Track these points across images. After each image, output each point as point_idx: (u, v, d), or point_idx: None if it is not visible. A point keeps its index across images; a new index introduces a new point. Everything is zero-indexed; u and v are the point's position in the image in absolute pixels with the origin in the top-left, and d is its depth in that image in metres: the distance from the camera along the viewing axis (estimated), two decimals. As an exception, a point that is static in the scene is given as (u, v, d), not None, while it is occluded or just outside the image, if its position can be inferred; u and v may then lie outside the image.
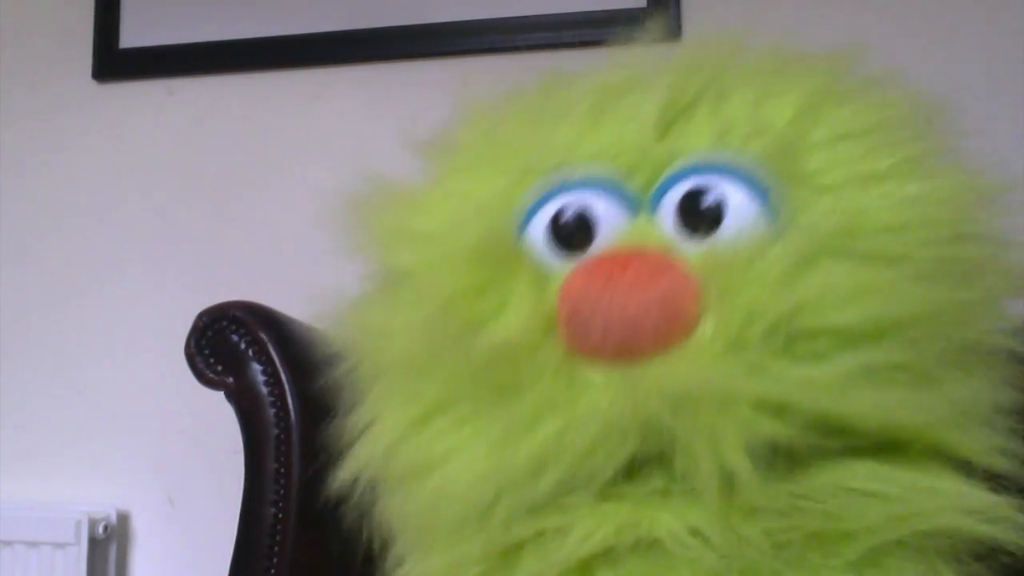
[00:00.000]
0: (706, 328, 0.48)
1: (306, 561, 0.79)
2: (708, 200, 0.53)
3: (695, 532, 0.47)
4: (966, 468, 0.50)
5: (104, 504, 1.27)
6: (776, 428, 0.46)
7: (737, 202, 0.53)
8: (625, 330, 0.49)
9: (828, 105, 0.57)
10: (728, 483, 0.47)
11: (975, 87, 1.11)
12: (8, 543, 1.22)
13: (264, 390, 0.80)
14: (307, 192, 1.27)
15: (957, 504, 0.48)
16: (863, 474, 0.48)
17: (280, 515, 0.78)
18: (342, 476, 0.60)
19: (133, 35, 1.35)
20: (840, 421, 0.47)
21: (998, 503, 0.48)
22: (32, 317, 1.35)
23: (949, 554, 0.49)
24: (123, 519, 1.28)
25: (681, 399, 0.46)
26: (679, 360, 0.48)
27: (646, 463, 0.50)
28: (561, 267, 0.54)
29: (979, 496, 0.49)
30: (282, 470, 0.79)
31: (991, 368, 0.53)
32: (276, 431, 0.79)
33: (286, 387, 0.80)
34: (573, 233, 0.55)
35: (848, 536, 0.47)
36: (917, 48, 1.14)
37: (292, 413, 0.79)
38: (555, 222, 0.56)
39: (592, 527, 0.49)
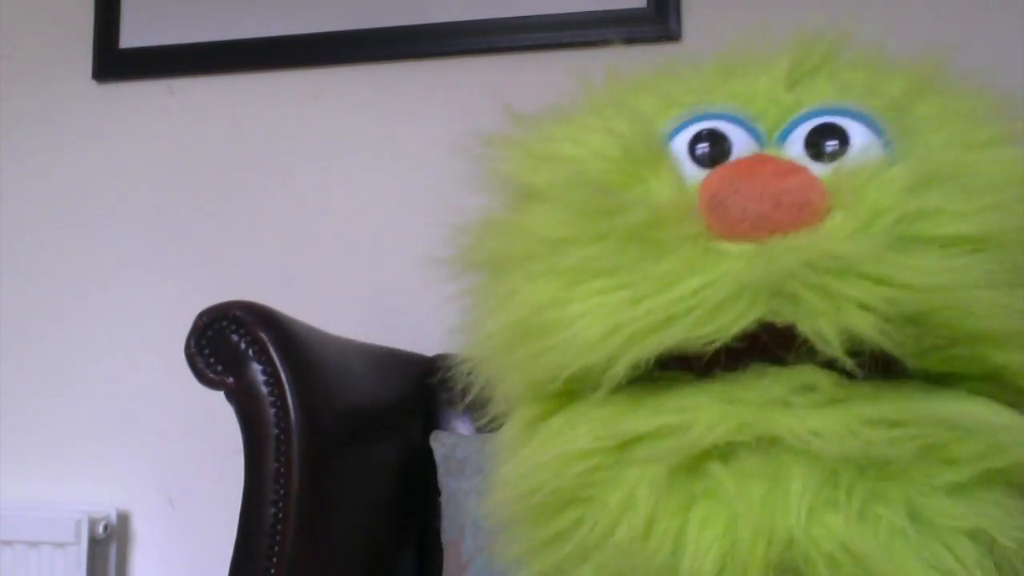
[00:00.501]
0: (836, 218, 0.53)
1: (306, 561, 0.79)
2: (833, 133, 0.59)
3: (816, 433, 0.50)
4: None
5: (104, 504, 1.27)
6: (895, 303, 0.50)
7: (858, 138, 0.59)
8: (763, 207, 0.53)
9: (931, 90, 0.64)
10: (840, 386, 0.51)
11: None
12: (8, 543, 1.22)
13: (264, 390, 0.80)
14: (307, 192, 1.27)
15: None
16: (965, 408, 0.52)
17: (280, 515, 0.78)
18: (471, 347, 0.63)
19: (133, 35, 1.35)
20: (951, 317, 0.51)
21: None
22: (32, 317, 1.35)
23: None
24: (123, 519, 1.28)
25: (811, 265, 0.50)
26: (811, 236, 0.52)
27: (766, 372, 0.53)
28: (699, 177, 0.59)
29: None
30: (282, 470, 0.79)
31: None
32: (276, 431, 0.79)
33: (286, 387, 0.80)
34: (711, 151, 0.61)
35: (953, 462, 0.50)
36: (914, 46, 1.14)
37: (292, 413, 0.79)
38: (694, 141, 0.61)
39: (714, 422, 0.51)
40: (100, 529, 1.23)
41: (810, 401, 0.52)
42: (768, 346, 0.53)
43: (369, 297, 1.22)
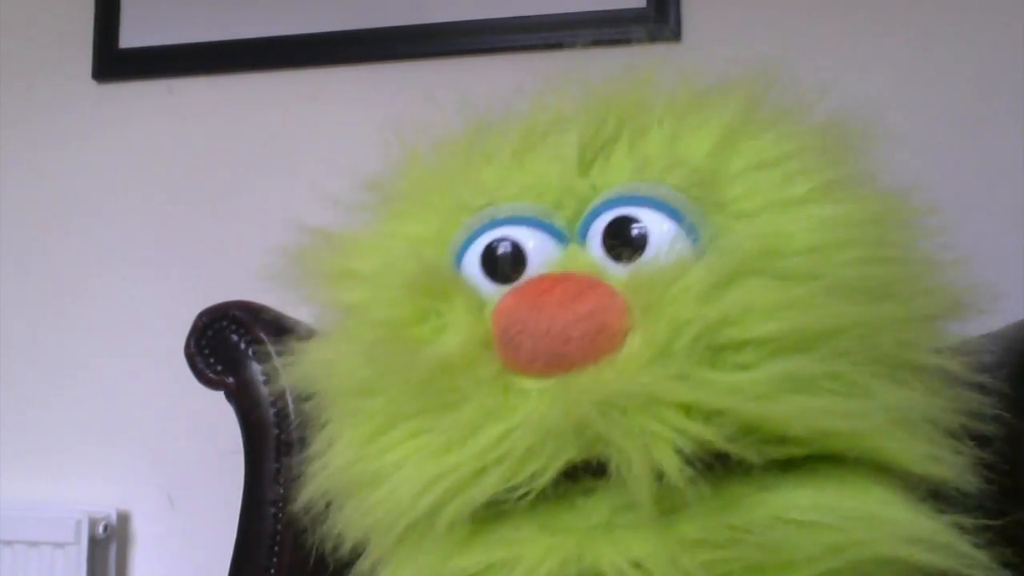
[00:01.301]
0: (634, 341, 0.50)
1: (306, 561, 0.79)
2: (631, 227, 0.56)
3: (637, 565, 0.48)
4: (908, 486, 0.51)
5: (104, 504, 1.27)
6: (704, 431, 0.47)
7: (659, 228, 0.55)
8: (554, 344, 0.50)
9: (745, 137, 0.59)
10: (666, 498, 0.48)
11: (976, 89, 1.12)
12: (8, 543, 1.22)
13: (264, 390, 0.80)
14: (307, 192, 1.27)
15: (897, 532, 0.49)
16: (802, 504, 0.49)
17: (280, 515, 0.78)
18: (303, 499, 0.62)
19: (133, 35, 1.35)
20: (768, 427, 0.48)
21: (938, 530, 0.49)
22: (32, 317, 1.35)
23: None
24: (123, 519, 1.28)
25: (611, 403, 0.48)
26: (608, 369, 0.50)
27: (592, 491, 0.51)
28: (495, 294, 0.57)
29: (920, 523, 0.50)
30: (282, 470, 0.79)
31: (925, 383, 0.54)
32: (276, 431, 0.79)
33: (286, 387, 0.80)
34: (506, 263, 0.58)
35: (788, 566, 0.48)
36: (914, 45, 1.14)
37: (292, 413, 0.79)
38: (487, 254, 0.59)
39: (538, 559, 0.50)
40: (100, 529, 1.23)
41: (633, 521, 0.50)
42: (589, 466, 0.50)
43: (369, 297, 1.22)
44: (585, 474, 0.51)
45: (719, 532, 0.48)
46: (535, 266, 0.58)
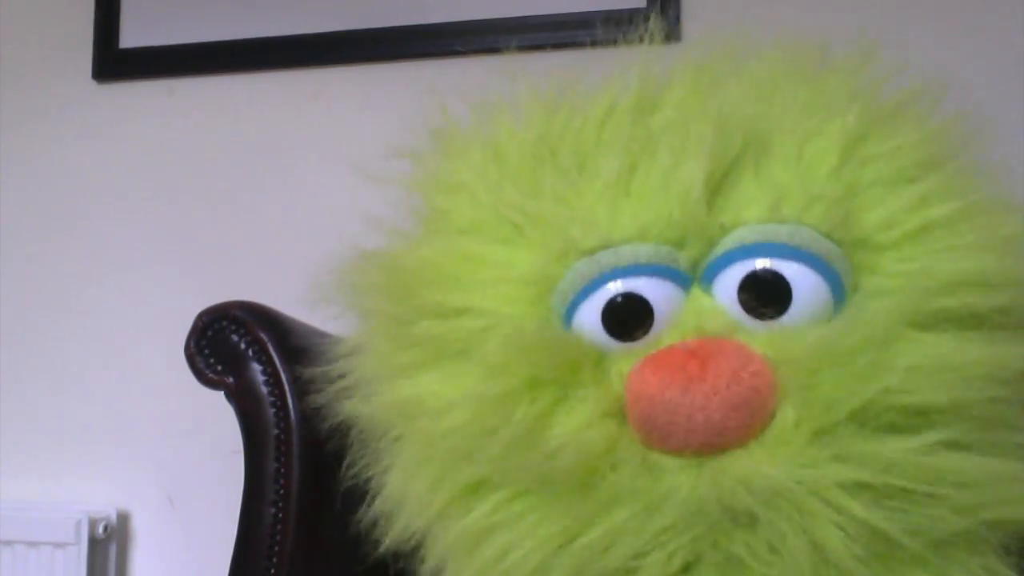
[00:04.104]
0: (787, 418, 0.48)
1: (306, 561, 0.79)
2: (772, 283, 0.52)
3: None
4: None
5: (104, 504, 1.27)
6: (863, 505, 0.46)
7: (802, 282, 0.52)
8: (709, 437, 0.48)
9: (871, 138, 0.56)
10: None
11: (979, 83, 1.11)
12: (8, 543, 1.22)
13: (264, 390, 0.80)
14: (307, 192, 1.27)
15: (1019, 496, 0.49)
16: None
17: (280, 515, 0.78)
18: (392, 538, 0.59)
19: (133, 35, 1.35)
20: (922, 488, 0.47)
21: None
22: (32, 317, 1.35)
23: (1000, 546, 0.50)
24: (123, 519, 1.28)
25: (771, 490, 0.46)
26: (763, 451, 0.48)
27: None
28: (619, 351, 0.53)
29: None
30: (282, 470, 0.79)
31: None
32: (276, 431, 0.79)
33: (286, 387, 0.80)
34: (630, 320, 0.53)
35: (915, 531, 0.47)
36: (922, 45, 1.13)
37: (292, 413, 0.79)
38: (609, 309, 0.53)
39: None
40: (100, 529, 1.23)
41: None
42: None
43: (369, 297, 1.22)
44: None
45: None
46: (662, 320, 0.53)
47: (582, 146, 0.59)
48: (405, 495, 0.57)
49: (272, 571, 0.78)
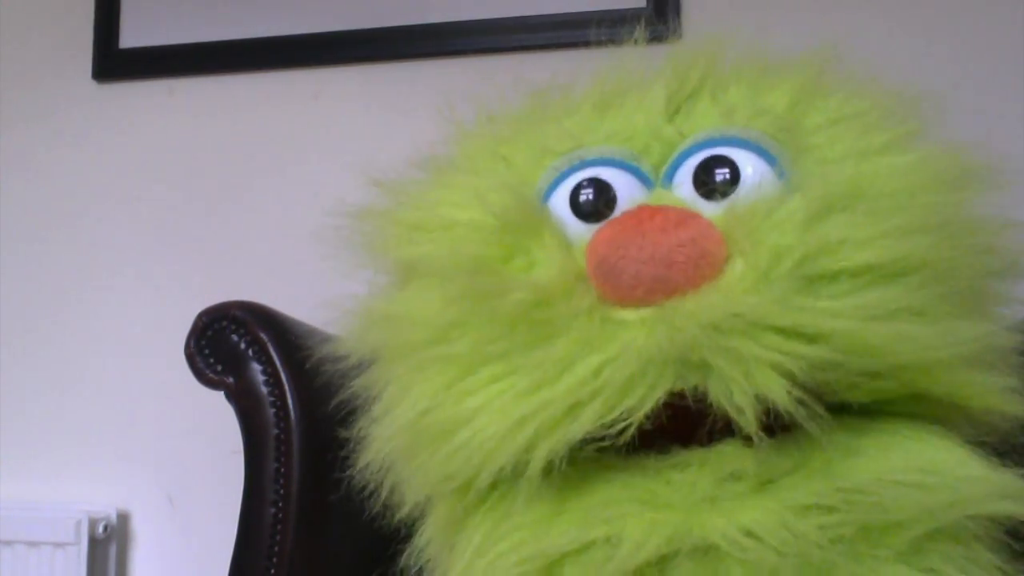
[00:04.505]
0: (735, 267, 0.51)
1: (306, 561, 0.79)
2: (722, 166, 0.56)
3: (749, 533, 0.47)
4: (971, 445, 0.52)
5: (104, 504, 1.27)
6: (807, 351, 0.48)
7: (749, 168, 0.56)
8: (658, 269, 0.50)
9: (818, 96, 0.61)
10: (765, 465, 0.48)
11: (972, 85, 1.11)
12: (8, 543, 1.22)
13: (264, 390, 0.80)
14: (307, 192, 1.27)
15: (988, 489, 0.49)
16: (899, 467, 0.50)
17: (280, 515, 0.78)
18: (371, 452, 0.59)
19: (133, 35, 1.35)
20: (860, 357, 0.49)
21: (1019, 484, 0.50)
22: (32, 317, 1.35)
23: (984, 535, 0.50)
24: (123, 519, 1.28)
25: (716, 327, 0.48)
26: (711, 294, 0.49)
27: (686, 465, 0.50)
28: (584, 233, 0.56)
29: (1005, 479, 0.50)
30: (282, 470, 0.79)
31: (997, 317, 0.56)
32: (276, 431, 0.79)
33: (286, 387, 0.80)
34: (594, 203, 0.57)
35: (896, 526, 0.48)
36: (917, 45, 1.14)
37: (292, 413, 0.79)
38: (575, 194, 0.58)
39: (643, 535, 0.48)
40: (100, 529, 1.23)
41: (738, 491, 0.49)
42: (679, 426, 0.50)
43: (369, 297, 1.22)
44: (675, 443, 0.50)
45: (829, 496, 0.48)
46: (625, 205, 0.57)
47: (568, 114, 0.65)
48: (397, 394, 0.58)
49: (272, 571, 0.78)
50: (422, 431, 0.55)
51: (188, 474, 1.27)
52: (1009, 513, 0.49)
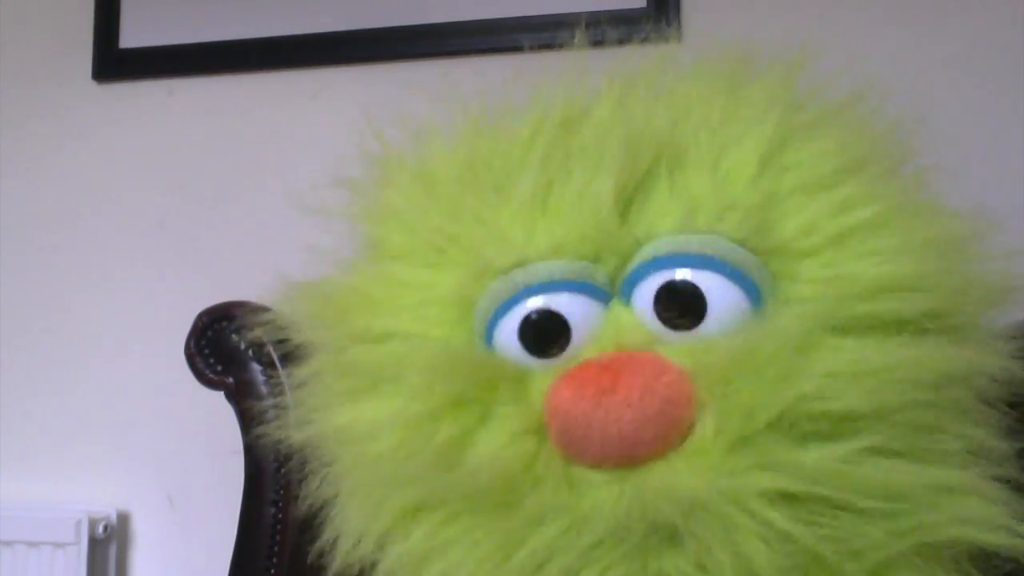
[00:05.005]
0: (706, 427, 0.48)
1: (306, 561, 0.79)
2: (688, 293, 0.51)
3: None
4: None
5: (104, 504, 1.27)
6: (789, 514, 0.46)
7: (718, 292, 0.51)
8: (624, 447, 0.48)
9: (791, 145, 0.55)
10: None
11: (972, 85, 1.11)
12: (8, 543, 1.22)
13: (264, 390, 0.80)
14: (307, 192, 1.27)
15: (958, 515, 0.48)
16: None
17: (280, 515, 0.78)
18: (336, 567, 0.58)
19: (133, 35, 1.35)
20: (848, 499, 0.47)
21: (996, 513, 0.48)
22: (32, 317, 1.35)
23: (949, 561, 0.49)
24: (123, 519, 1.28)
25: (692, 501, 0.46)
26: (683, 462, 0.47)
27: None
28: (539, 368, 0.53)
29: (978, 506, 0.49)
30: (282, 470, 0.79)
31: (988, 416, 0.53)
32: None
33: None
34: (547, 336, 0.53)
35: (853, 555, 0.47)
36: (918, 44, 1.14)
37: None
38: (525, 326, 0.53)
39: None
40: (100, 529, 1.23)
41: None
42: None
43: (369, 297, 1.22)
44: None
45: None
46: (581, 335, 0.53)
47: (506, 166, 0.59)
48: (347, 523, 0.57)
49: (272, 571, 0.78)
50: (386, 555, 0.54)
51: (188, 474, 1.27)
52: (972, 540, 0.48)
